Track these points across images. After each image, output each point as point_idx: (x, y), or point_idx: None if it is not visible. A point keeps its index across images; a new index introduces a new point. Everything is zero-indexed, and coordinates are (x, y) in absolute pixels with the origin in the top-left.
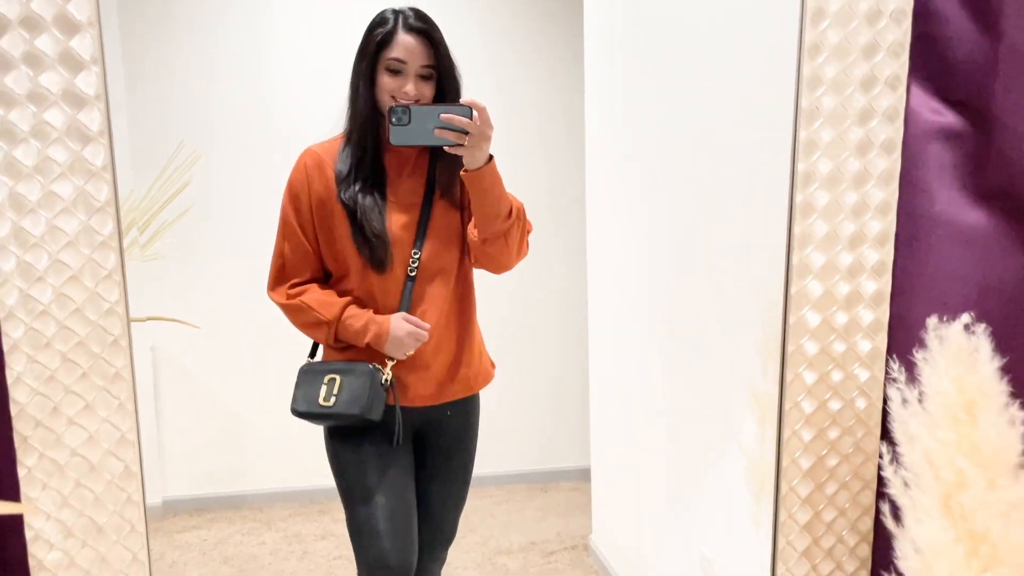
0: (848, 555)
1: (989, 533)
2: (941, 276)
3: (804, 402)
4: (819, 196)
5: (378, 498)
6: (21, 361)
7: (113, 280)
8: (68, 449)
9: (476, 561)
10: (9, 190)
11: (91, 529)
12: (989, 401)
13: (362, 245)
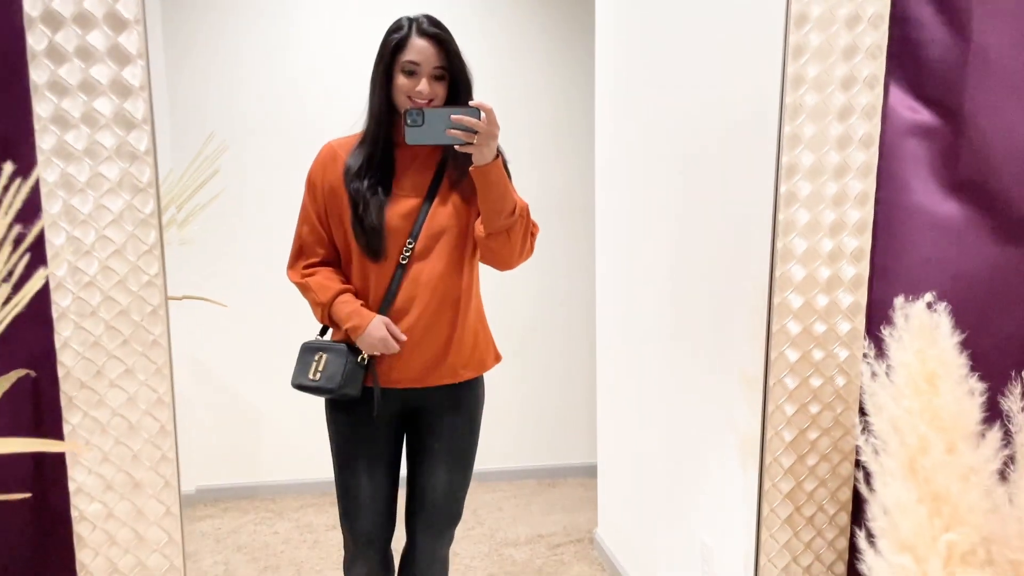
0: (828, 523)
1: (949, 494)
2: (916, 262)
3: (787, 378)
4: (802, 186)
5: (359, 471)
6: (69, 327)
7: (153, 255)
8: (109, 409)
9: (483, 552)
10: (61, 171)
11: (129, 484)
12: (949, 372)
13: (360, 235)
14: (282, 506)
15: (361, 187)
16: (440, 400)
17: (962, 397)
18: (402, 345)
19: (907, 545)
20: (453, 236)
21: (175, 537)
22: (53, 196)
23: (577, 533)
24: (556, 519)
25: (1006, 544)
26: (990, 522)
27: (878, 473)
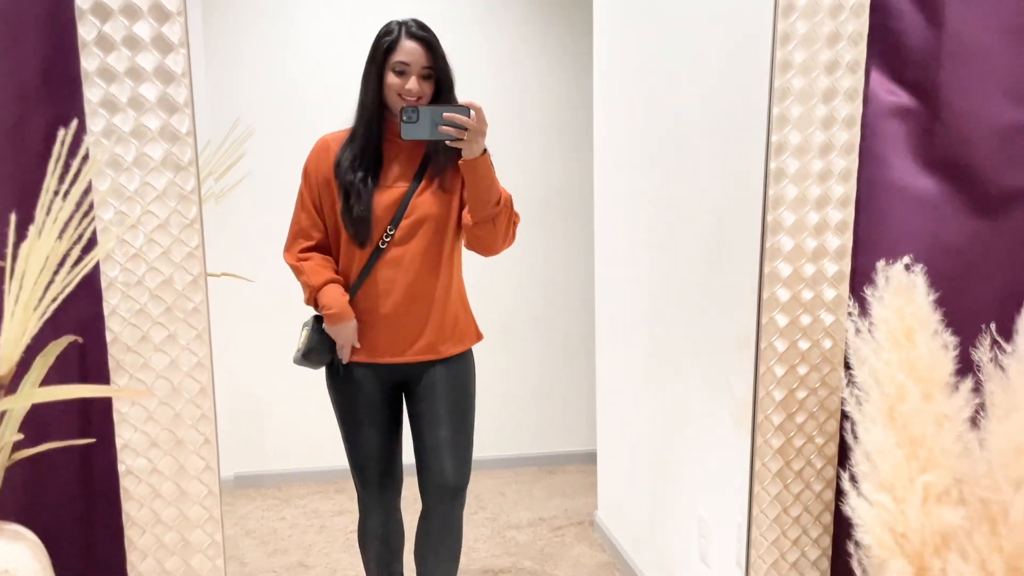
0: (816, 476)
1: (925, 438)
2: (896, 233)
3: (777, 342)
4: (790, 163)
5: (362, 427)
6: (116, 296)
7: (193, 228)
8: (154, 372)
9: (486, 535)
10: (110, 152)
11: (171, 441)
12: (925, 327)
13: (348, 224)
14: (288, 494)
15: (351, 179)
16: (428, 373)
17: (936, 350)
18: (374, 336)
19: (886, 486)
20: (434, 223)
21: (213, 490)
22: (102, 175)
23: (578, 516)
24: (557, 503)
25: (976, 484)
26: (962, 464)
27: (860, 421)
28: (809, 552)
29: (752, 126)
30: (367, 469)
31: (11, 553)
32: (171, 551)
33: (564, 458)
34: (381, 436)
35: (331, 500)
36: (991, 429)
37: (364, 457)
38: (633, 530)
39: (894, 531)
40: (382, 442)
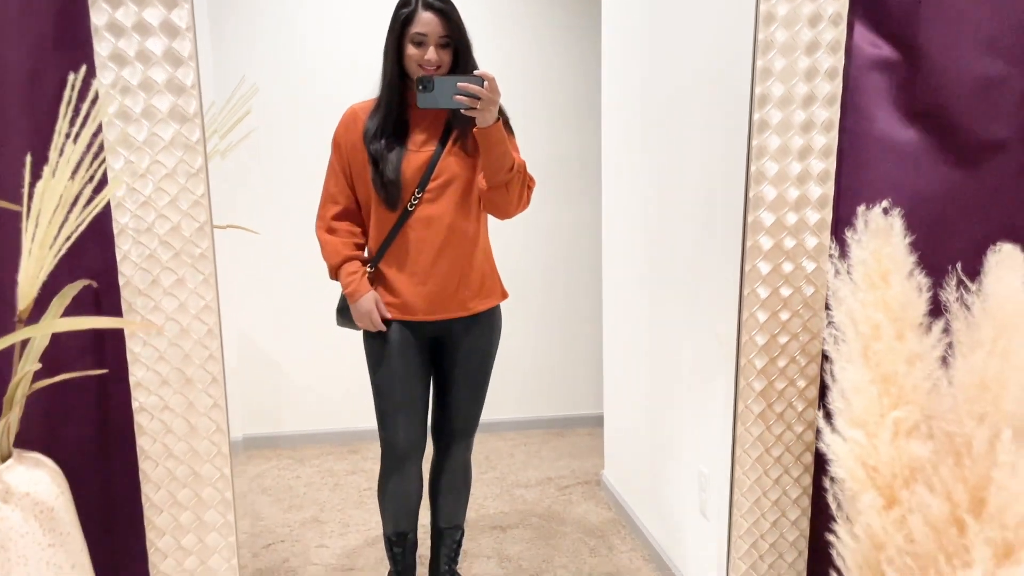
0: (797, 418)
1: (896, 376)
2: (877, 183)
3: (760, 288)
4: (773, 114)
5: (394, 381)
6: (127, 242)
7: (199, 177)
8: (163, 314)
9: (495, 493)
10: (119, 104)
11: (181, 379)
12: (900, 268)
13: (379, 188)
14: (304, 454)
15: (380, 146)
16: (458, 331)
17: (910, 291)
18: (407, 294)
19: (859, 422)
20: (461, 184)
21: (221, 426)
22: (112, 125)
23: (584, 476)
24: (564, 464)
25: (943, 419)
26: (931, 401)
27: (837, 359)
28: (790, 491)
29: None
30: (395, 418)
31: (32, 478)
32: (182, 483)
33: (572, 421)
34: (411, 386)
35: (345, 460)
36: (957, 366)
37: (393, 405)
38: (637, 488)
39: (866, 465)
40: (412, 392)
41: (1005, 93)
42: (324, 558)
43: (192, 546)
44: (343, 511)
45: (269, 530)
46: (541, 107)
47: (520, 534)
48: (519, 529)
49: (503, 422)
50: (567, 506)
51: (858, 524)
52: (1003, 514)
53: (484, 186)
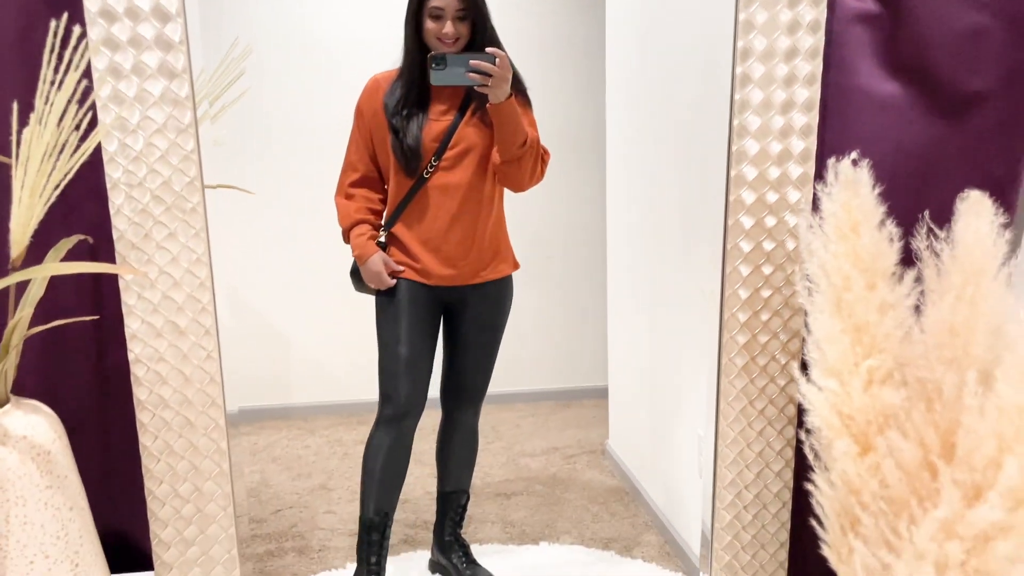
0: (780, 372)
1: (868, 325)
2: (859, 136)
3: (742, 242)
4: (755, 68)
5: (399, 346)
6: (120, 196)
7: (189, 133)
8: (157, 267)
9: (501, 462)
10: (109, 59)
11: (174, 331)
12: (869, 220)
13: (399, 155)
14: (314, 425)
15: (401, 115)
16: (470, 298)
17: (881, 241)
18: (422, 259)
19: (834, 371)
20: (478, 153)
21: (215, 377)
22: (103, 81)
23: (590, 446)
24: (570, 434)
25: (915, 365)
26: (904, 349)
27: (811, 311)
28: (774, 443)
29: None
30: (398, 373)
31: (29, 422)
32: (177, 433)
33: (579, 393)
34: (418, 343)
35: (354, 431)
36: (927, 313)
37: (398, 361)
38: (640, 456)
39: (841, 413)
40: (417, 349)
41: (986, 45)
42: (331, 523)
43: (188, 494)
44: (351, 479)
45: (278, 497)
46: (548, 78)
47: (524, 501)
48: (523, 496)
49: (510, 394)
50: (571, 474)
51: (834, 471)
52: (971, 456)
53: (497, 160)
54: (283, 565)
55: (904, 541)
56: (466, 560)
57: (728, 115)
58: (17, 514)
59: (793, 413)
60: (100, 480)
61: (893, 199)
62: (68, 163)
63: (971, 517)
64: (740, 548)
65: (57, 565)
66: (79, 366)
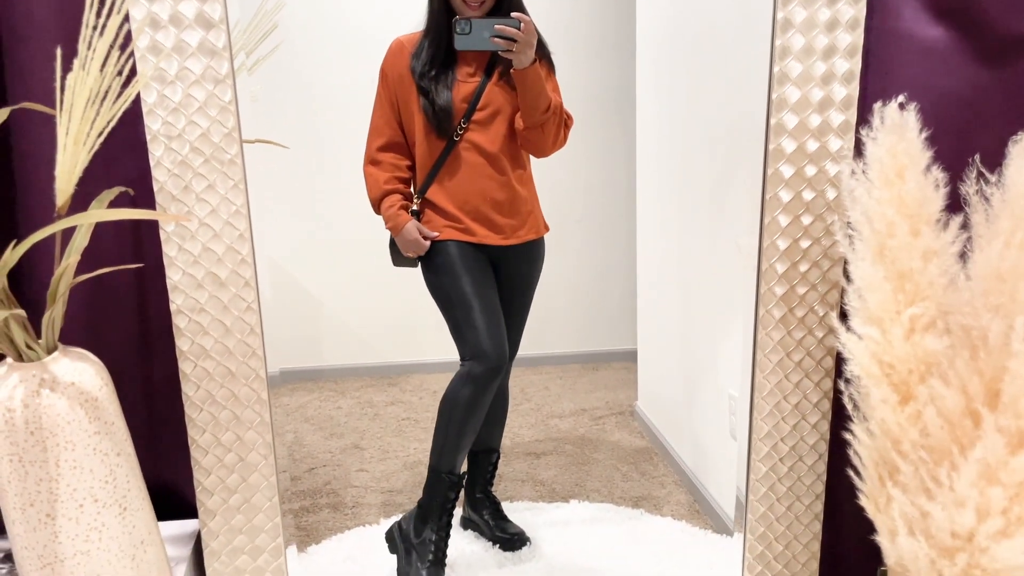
0: (818, 323)
1: (912, 272)
2: (903, 84)
3: (782, 192)
4: (797, 12)
5: (470, 297)
6: (160, 148)
7: (226, 84)
8: (196, 219)
9: (530, 423)
10: (147, 9)
11: (215, 282)
12: (915, 164)
13: (431, 116)
14: (344, 387)
15: (429, 78)
16: (510, 257)
17: (927, 186)
18: (461, 218)
19: (874, 319)
20: (507, 115)
21: (256, 328)
22: (141, 32)
23: (619, 407)
24: (599, 396)
25: (959, 312)
26: (948, 297)
27: (852, 259)
28: (811, 395)
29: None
30: (478, 325)
31: (77, 369)
32: (219, 383)
33: (608, 356)
34: (487, 294)
35: (385, 392)
36: (974, 259)
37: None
38: (669, 417)
39: (881, 362)
40: (491, 298)
41: None
42: (364, 481)
43: (231, 443)
44: (382, 439)
45: (311, 455)
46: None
47: (554, 460)
48: (553, 456)
49: (539, 357)
50: (600, 435)
51: (873, 420)
52: (1017, 403)
53: (521, 126)
54: (318, 520)
55: (944, 488)
56: (497, 516)
57: (768, 62)
58: (67, 458)
59: (830, 365)
60: (144, 428)
61: (939, 145)
62: (111, 110)
63: (1015, 463)
64: (776, 499)
65: (106, 508)
66: (122, 317)
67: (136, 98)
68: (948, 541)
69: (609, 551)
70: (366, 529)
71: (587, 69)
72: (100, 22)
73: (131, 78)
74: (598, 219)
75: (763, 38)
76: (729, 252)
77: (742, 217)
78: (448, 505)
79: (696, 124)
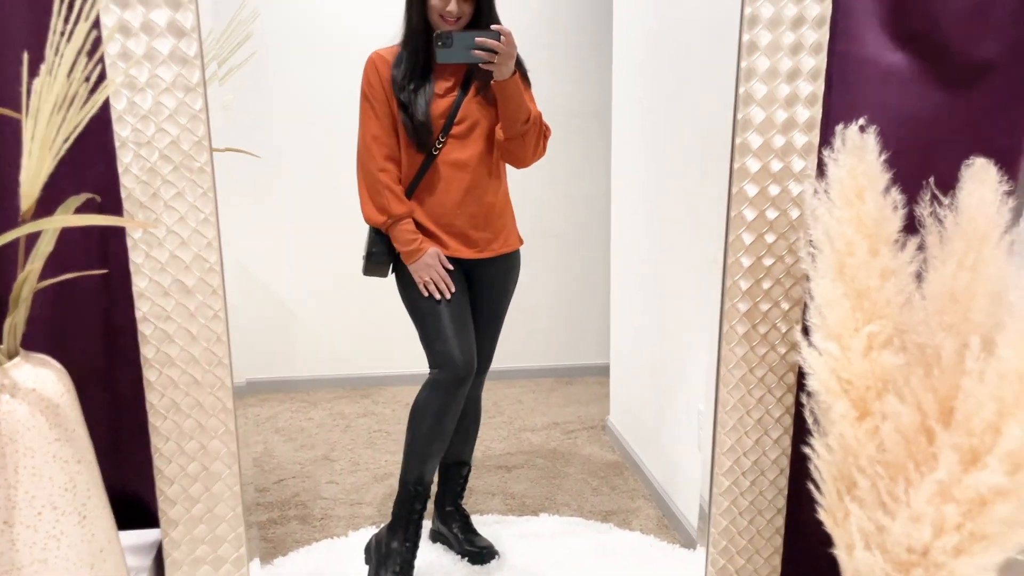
0: (781, 340)
1: (870, 290)
2: (865, 106)
3: (746, 210)
4: (762, 36)
5: (443, 312)
6: (129, 155)
7: (197, 92)
8: (165, 227)
9: (502, 436)
10: (118, 16)
11: (182, 289)
12: (875, 185)
13: (410, 131)
14: (316, 398)
15: (409, 92)
16: (484, 270)
17: (884, 206)
18: (438, 233)
19: (834, 335)
20: (484, 129)
21: (222, 337)
22: (112, 38)
23: (591, 421)
24: (571, 410)
25: (915, 331)
26: (904, 314)
27: (814, 276)
28: (773, 410)
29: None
30: (449, 336)
31: (38, 375)
32: (184, 392)
33: (581, 370)
34: (461, 306)
35: (356, 403)
36: (929, 279)
37: (446, 324)
38: (640, 431)
39: (840, 377)
40: (463, 312)
41: (995, 15)
42: (333, 493)
43: (195, 452)
44: (353, 451)
45: (281, 467)
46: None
47: (525, 474)
48: (524, 469)
49: (512, 370)
50: (572, 449)
51: (832, 435)
52: (969, 421)
53: (501, 137)
54: (286, 532)
55: (900, 504)
56: (466, 529)
57: (735, 83)
58: (26, 465)
59: (792, 381)
60: (108, 436)
61: (898, 168)
62: (78, 115)
63: (969, 481)
64: (738, 513)
65: (65, 517)
66: (87, 324)
67: (106, 104)
68: (904, 556)
69: (578, 565)
70: (334, 541)
71: (564, 84)
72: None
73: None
74: (573, 233)
75: (732, 59)
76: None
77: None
78: (414, 516)
79: (671, 140)
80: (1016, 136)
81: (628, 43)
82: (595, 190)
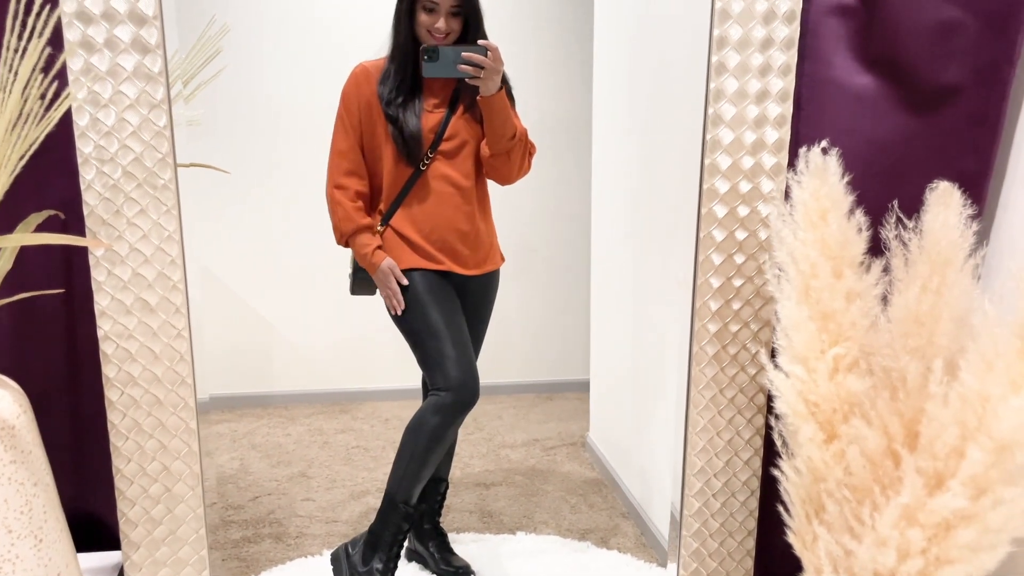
0: (750, 361)
1: (835, 312)
2: (832, 129)
3: (715, 231)
4: (731, 57)
5: (445, 332)
6: (91, 171)
7: (161, 109)
8: (127, 244)
9: (481, 452)
10: (81, 33)
11: (145, 308)
12: (837, 207)
13: (401, 144)
14: (294, 413)
15: (397, 106)
16: (470, 287)
17: (848, 229)
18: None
19: (800, 358)
20: (471, 146)
21: (185, 356)
22: (74, 54)
23: (570, 438)
24: (551, 427)
25: (880, 354)
26: (870, 337)
27: (779, 298)
28: (743, 431)
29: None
30: (447, 360)
31: None
32: (147, 411)
33: (561, 386)
34: (456, 323)
35: (335, 419)
36: (894, 302)
37: (444, 345)
38: (620, 449)
39: (807, 400)
40: (459, 328)
41: (960, 39)
42: (309, 510)
43: (157, 473)
44: (330, 467)
45: (257, 484)
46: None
47: (503, 491)
48: (503, 487)
49: (492, 386)
50: (551, 466)
51: (800, 458)
52: (934, 445)
53: (487, 153)
54: (259, 551)
55: (867, 528)
56: (442, 548)
57: (704, 104)
58: None
59: (763, 402)
60: (68, 457)
61: (864, 190)
62: (34, 133)
63: (933, 505)
64: (708, 535)
65: (20, 540)
66: (47, 342)
67: (69, 121)
68: None
69: None
70: (308, 560)
71: (545, 102)
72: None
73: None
74: (554, 250)
75: (704, 80)
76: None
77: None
78: (400, 536)
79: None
80: (981, 160)
81: (609, 61)
82: (576, 208)
